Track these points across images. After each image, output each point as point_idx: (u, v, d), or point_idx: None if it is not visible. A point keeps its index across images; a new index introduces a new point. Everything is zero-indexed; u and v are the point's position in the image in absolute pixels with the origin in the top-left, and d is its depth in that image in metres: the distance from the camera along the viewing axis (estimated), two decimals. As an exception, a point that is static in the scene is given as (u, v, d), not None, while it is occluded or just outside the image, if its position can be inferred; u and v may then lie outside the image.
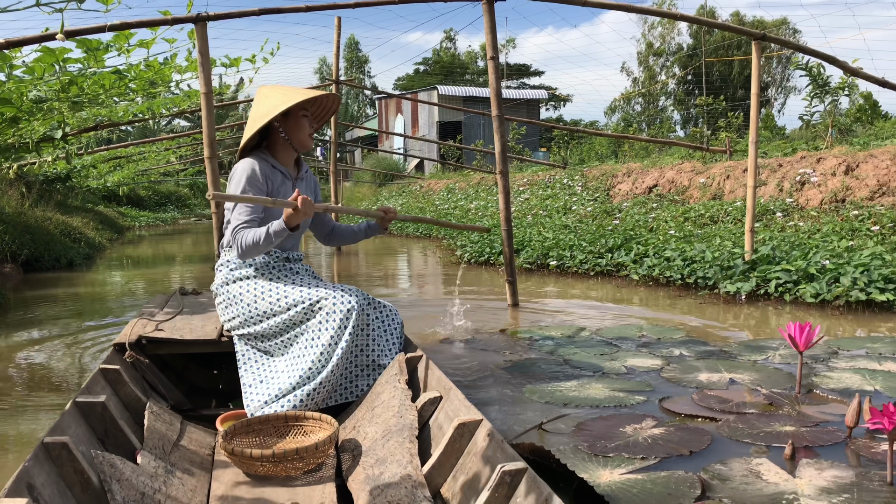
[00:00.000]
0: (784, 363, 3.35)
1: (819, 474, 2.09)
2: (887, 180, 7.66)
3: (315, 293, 2.54)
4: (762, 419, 2.59)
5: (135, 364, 2.66)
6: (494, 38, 4.97)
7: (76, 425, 1.93)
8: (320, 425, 2.25)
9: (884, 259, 5.08)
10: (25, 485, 1.49)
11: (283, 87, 2.80)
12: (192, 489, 1.94)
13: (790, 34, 36.84)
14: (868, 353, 3.50)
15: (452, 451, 1.86)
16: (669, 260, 6.06)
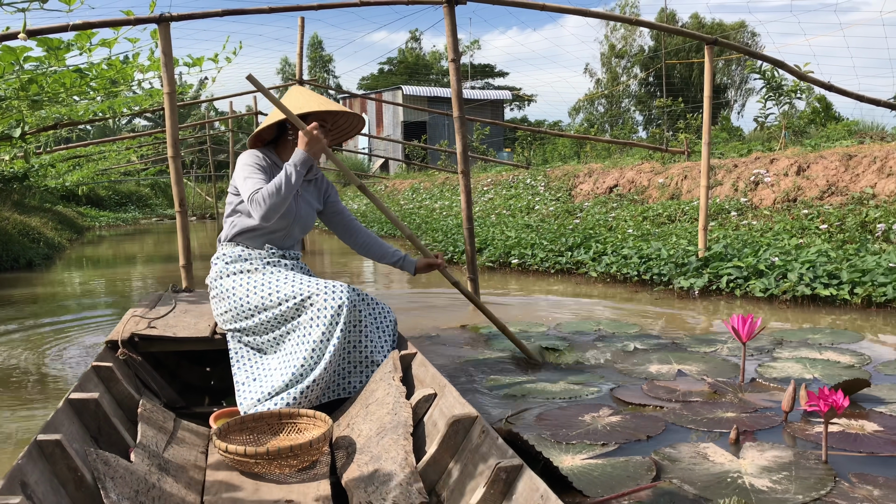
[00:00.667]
0: (731, 354, 3.51)
1: (761, 455, 2.24)
2: (836, 180, 7.93)
3: (306, 288, 2.53)
4: (706, 406, 2.73)
5: (127, 361, 2.64)
6: (455, 41, 5.07)
7: (69, 423, 1.91)
8: (314, 423, 2.25)
9: (829, 256, 5.30)
10: (19, 483, 1.48)
11: (312, 94, 2.84)
12: (185, 487, 1.94)
13: (748, 37, 37.58)
14: (809, 343, 3.69)
15: (447, 447, 1.86)
16: (627, 258, 6.23)
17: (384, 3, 4.86)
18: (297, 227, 2.83)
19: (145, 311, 3.17)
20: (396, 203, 16.70)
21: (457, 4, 5.00)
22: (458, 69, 5.11)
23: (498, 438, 1.72)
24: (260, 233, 2.76)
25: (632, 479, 2.07)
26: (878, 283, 4.63)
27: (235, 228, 2.77)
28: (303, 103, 2.76)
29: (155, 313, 3.12)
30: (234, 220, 2.80)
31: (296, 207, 2.79)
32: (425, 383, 2.36)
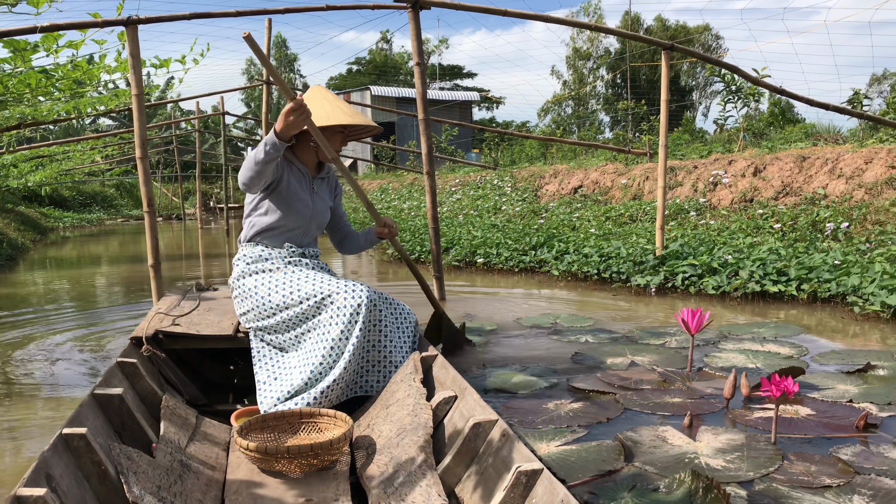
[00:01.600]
0: (680, 346, 3.70)
1: (715, 438, 2.42)
2: (790, 181, 8.21)
3: (326, 287, 2.54)
4: (656, 393, 2.90)
5: (151, 358, 2.66)
6: (420, 45, 5.20)
7: (94, 417, 1.93)
8: (335, 422, 2.25)
9: (779, 254, 5.52)
10: (44, 475, 1.50)
11: (333, 98, 2.83)
12: (206, 484, 1.95)
13: (712, 40, 38.30)
14: (754, 336, 3.90)
15: (467, 450, 1.85)
16: (587, 256, 6.41)
17: (349, 8, 4.97)
18: (313, 224, 2.85)
19: (169, 308, 3.18)
20: (365, 203, 16.74)
21: (421, 9, 5.12)
22: (424, 72, 5.24)
23: (518, 442, 1.72)
24: (279, 231, 2.77)
25: (606, 463, 2.21)
26: (824, 280, 4.86)
27: (255, 228, 2.78)
28: (328, 113, 2.74)
29: (179, 311, 3.13)
30: (253, 219, 2.80)
31: (312, 204, 2.81)
32: (446, 385, 2.35)
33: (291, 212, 2.75)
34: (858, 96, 10.59)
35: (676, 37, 35.41)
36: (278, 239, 2.78)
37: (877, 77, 26.86)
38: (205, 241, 13.64)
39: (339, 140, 2.83)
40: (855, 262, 5.11)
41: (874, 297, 4.36)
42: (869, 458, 2.21)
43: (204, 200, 23.33)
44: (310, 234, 2.86)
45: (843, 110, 6.90)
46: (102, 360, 3.88)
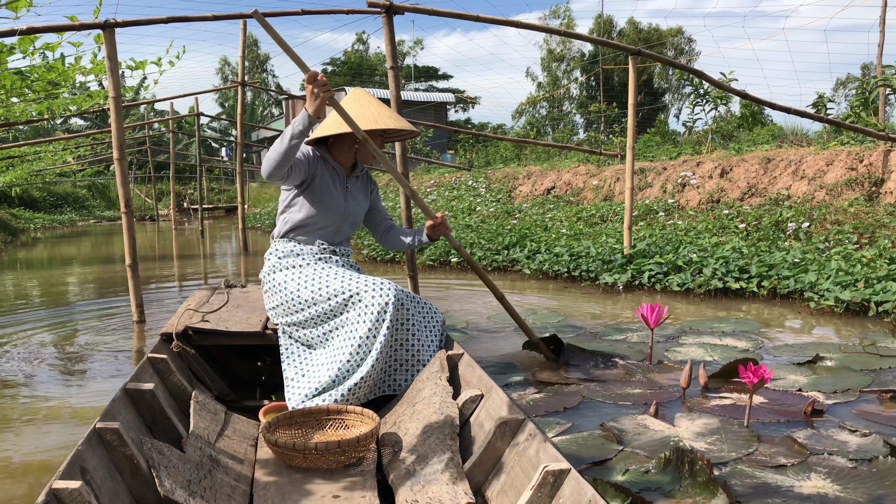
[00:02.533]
0: (642, 341, 3.86)
1: (691, 423, 2.58)
2: (755, 182, 8.45)
3: (355, 285, 2.55)
4: (618, 384, 3.06)
5: (181, 354, 2.70)
6: (394, 49, 5.30)
7: (126, 412, 1.95)
8: (362, 419, 2.27)
9: (742, 252, 5.72)
10: (79, 468, 1.53)
11: (376, 102, 2.85)
12: (235, 479, 1.97)
13: (685, 43, 38.80)
14: (713, 331, 4.07)
15: (494, 449, 1.85)
16: (558, 256, 6.57)
17: (325, 13, 5.06)
18: (346, 224, 2.86)
19: (199, 304, 3.20)
20: (340, 204, 16.79)
21: (395, 14, 5.23)
22: (397, 76, 5.35)
23: (545, 441, 1.71)
24: (311, 228, 2.79)
25: (606, 449, 2.33)
26: (783, 277, 5.06)
27: (288, 225, 2.81)
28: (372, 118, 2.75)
29: (208, 307, 3.16)
30: (287, 216, 2.83)
31: (345, 204, 2.83)
32: (472, 384, 2.34)
33: (324, 209, 2.77)
34: (823, 100, 10.86)
35: (649, 40, 35.85)
36: (311, 236, 2.80)
37: (841, 81, 27.44)
38: (179, 243, 13.62)
39: (378, 143, 2.84)
40: (813, 260, 5.32)
41: (829, 293, 4.55)
42: (820, 440, 2.38)
43: (178, 201, 23.23)
44: (342, 232, 2.86)
45: (803, 114, 7.13)
46: (78, 359, 3.95)
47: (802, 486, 2.04)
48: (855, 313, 4.44)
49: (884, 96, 10.17)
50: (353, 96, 2.87)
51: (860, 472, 2.10)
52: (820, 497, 1.96)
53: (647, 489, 2.00)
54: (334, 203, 2.79)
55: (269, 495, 1.90)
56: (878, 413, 2.65)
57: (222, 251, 11.64)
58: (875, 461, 2.14)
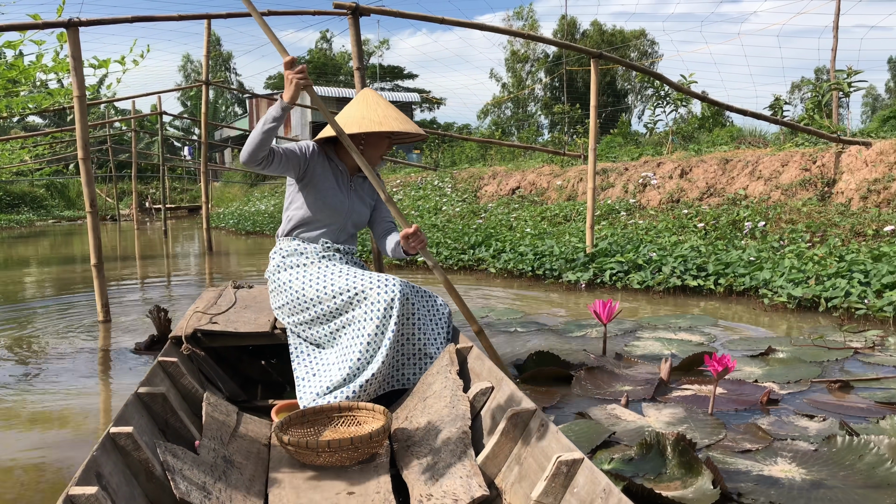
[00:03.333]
0: (601, 336, 3.97)
1: (658, 413, 2.68)
2: (714, 182, 8.66)
3: (359, 282, 2.55)
4: (591, 380, 3.14)
5: (191, 356, 2.69)
6: (360, 50, 5.36)
7: (139, 416, 1.95)
8: (373, 415, 2.26)
9: (700, 251, 5.89)
10: (94, 473, 1.53)
11: (384, 104, 2.82)
12: (250, 479, 1.98)
13: (648, 45, 39.36)
14: (669, 326, 4.21)
15: (506, 440, 1.86)
16: (523, 255, 6.68)
17: (290, 13, 5.10)
18: (349, 222, 2.85)
19: (207, 306, 3.19)
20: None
21: (361, 16, 5.29)
22: (363, 76, 5.40)
23: (557, 431, 1.71)
24: (314, 226, 2.79)
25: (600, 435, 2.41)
26: (739, 274, 5.23)
27: (291, 223, 2.80)
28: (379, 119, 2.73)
29: (216, 309, 3.15)
30: (290, 213, 2.82)
31: (348, 202, 2.82)
32: (482, 376, 2.34)
33: (326, 206, 2.76)
34: (779, 102, 11.15)
35: (613, 42, 36.30)
36: (314, 234, 2.80)
37: (797, 84, 28.09)
38: (141, 243, 13.47)
39: (385, 144, 2.84)
40: (768, 258, 5.50)
41: (782, 290, 4.72)
42: (781, 426, 2.51)
43: (140, 201, 22.92)
44: (346, 230, 2.86)
45: (759, 116, 7.33)
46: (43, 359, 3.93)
47: (771, 469, 2.14)
48: (806, 309, 4.61)
49: (837, 99, 10.50)
50: (361, 97, 2.86)
51: (822, 454, 2.21)
52: (789, 480, 2.06)
53: (635, 475, 2.08)
54: (336, 201, 2.78)
55: (284, 494, 1.92)
56: (829, 402, 2.79)
57: (186, 251, 11.54)
58: (833, 442, 2.26)
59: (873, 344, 3.67)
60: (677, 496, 1.91)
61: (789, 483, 2.05)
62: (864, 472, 2.08)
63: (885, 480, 2.02)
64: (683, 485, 2.00)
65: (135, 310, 5.37)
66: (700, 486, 1.96)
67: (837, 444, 2.25)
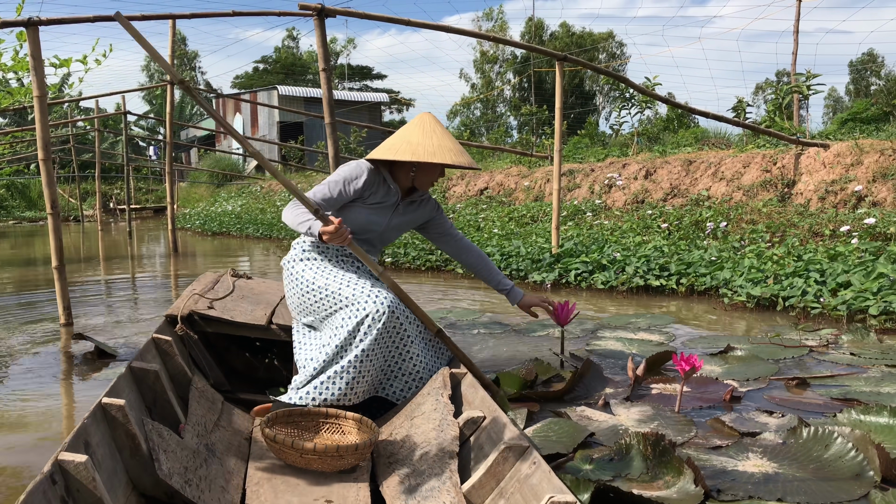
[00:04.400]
0: (559, 336, 4.03)
1: (627, 412, 2.72)
2: (678, 183, 8.81)
3: (353, 290, 2.52)
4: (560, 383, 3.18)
5: (183, 338, 2.64)
6: (326, 51, 5.35)
7: (129, 390, 1.92)
8: (359, 427, 2.24)
9: (663, 251, 5.99)
10: (83, 441, 1.52)
11: (440, 132, 2.71)
12: (230, 471, 1.96)
13: (616, 47, 39.74)
14: (629, 326, 4.29)
15: (495, 473, 1.81)
16: (489, 255, 6.72)
17: (256, 14, 5.08)
18: (381, 240, 2.81)
19: (204, 289, 3.12)
20: (273, 204, 16.66)
21: (326, 17, 5.29)
22: (329, 78, 5.40)
23: (550, 472, 1.66)
24: None
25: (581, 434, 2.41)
26: (700, 274, 5.33)
27: None
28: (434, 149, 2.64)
29: (213, 294, 3.08)
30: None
31: (386, 224, 2.77)
32: (474, 405, 2.29)
33: (359, 223, 2.71)
34: (742, 104, 11.34)
35: (582, 43, 36.58)
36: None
37: (760, 86, 28.59)
38: (105, 244, 13.28)
39: (438, 171, 2.77)
40: (728, 258, 5.61)
41: (741, 289, 4.83)
42: (744, 422, 2.57)
43: (104, 201, 22.56)
44: (371, 244, 2.80)
45: (720, 118, 7.47)
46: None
47: (745, 465, 2.19)
48: (764, 308, 4.72)
49: (797, 102, 10.73)
50: (419, 122, 2.76)
51: (790, 447, 2.28)
52: (763, 474, 2.12)
53: (617, 476, 2.09)
54: (372, 222, 2.73)
55: (262, 492, 1.90)
56: (788, 399, 2.87)
57: (151, 252, 11.41)
58: (799, 434, 2.33)
59: (827, 342, 3.78)
60: (662, 496, 1.94)
61: (764, 477, 2.10)
62: (833, 464, 2.15)
63: (852, 471, 2.09)
64: (666, 485, 2.04)
65: (97, 312, 5.31)
66: (683, 487, 2.00)
67: (803, 436, 2.31)
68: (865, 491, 1.98)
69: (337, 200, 2.66)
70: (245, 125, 29.93)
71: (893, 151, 6.74)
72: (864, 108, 12.37)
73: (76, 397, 3.28)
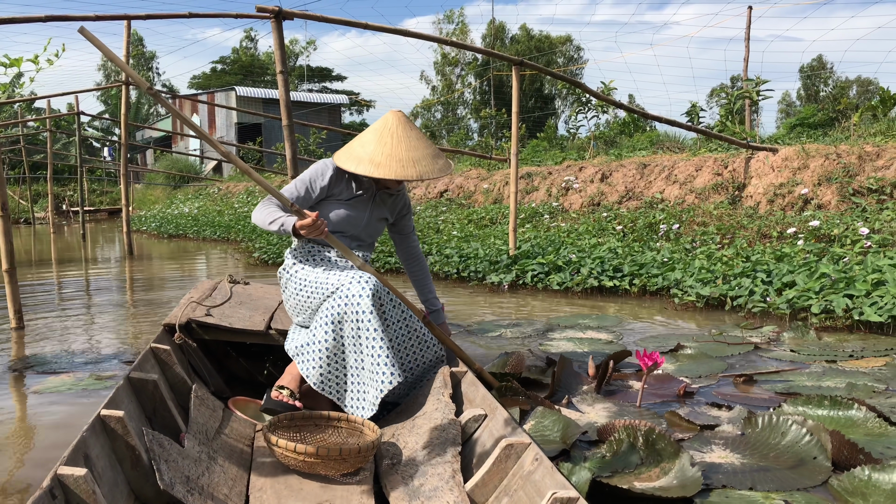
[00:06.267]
0: (515, 337, 4.15)
1: (594, 409, 2.81)
2: (633, 186, 8.97)
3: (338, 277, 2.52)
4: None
5: (182, 346, 2.62)
6: (283, 54, 5.36)
7: (128, 401, 1.90)
8: (362, 429, 2.25)
9: (617, 253, 6.12)
10: (83, 454, 1.50)
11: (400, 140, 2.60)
12: (232, 478, 1.95)
13: (574, 51, 40.22)
14: (578, 326, 4.41)
15: (497, 471, 1.82)
16: (448, 257, 6.79)
17: (213, 16, 5.06)
18: (364, 235, 2.79)
19: (202, 297, 3.11)
20: (231, 206, 16.50)
21: (284, 20, 5.29)
22: (286, 80, 5.41)
23: (552, 468, 1.67)
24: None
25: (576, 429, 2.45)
26: (652, 275, 5.46)
27: None
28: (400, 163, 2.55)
29: (211, 301, 3.07)
30: None
31: (367, 219, 2.75)
32: (475, 403, 2.30)
33: (341, 220, 2.71)
34: (696, 109, 11.60)
35: (542, 47, 36.94)
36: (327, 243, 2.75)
37: (716, 91, 29.17)
38: (58, 247, 13.02)
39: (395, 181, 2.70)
40: (680, 259, 5.76)
41: (691, 289, 4.96)
42: (699, 416, 2.67)
43: (56, 203, 22.08)
44: (360, 240, 2.77)
45: (673, 122, 7.65)
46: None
47: (710, 456, 2.28)
48: (714, 307, 4.86)
49: (749, 107, 11.01)
50: (382, 125, 2.66)
51: (748, 438, 2.38)
52: (730, 465, 2.21)
53: (616, 472, 2.14)
54: (352, 217, 2.72)
55: (266, 497, 1.89)
56: (736, 394, 2.98)
57: (105, 255, 11.22)
58: (755, 423, 2.43)
59: (769, 339, 3.92)
60: (662, 486, 2.00)
61: (732, 468, 2.19)
62: (790, 450, 2.25)
63: (809, 454, 2.21)
64: (663, 472, 2.09)
65: (50, 315, 5.23)
66: (681, 469, 2.07)
67: (759, 426, 2.42)
68: (826, 476, 2.09)
69: (305, 199, 2.67)
70: (202, 126, 29.56)
71: (837, 156, 6.97)
72: (812, 113, 12.73)
73: (27, 400, 3.24)
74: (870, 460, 2.14)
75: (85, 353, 4.02)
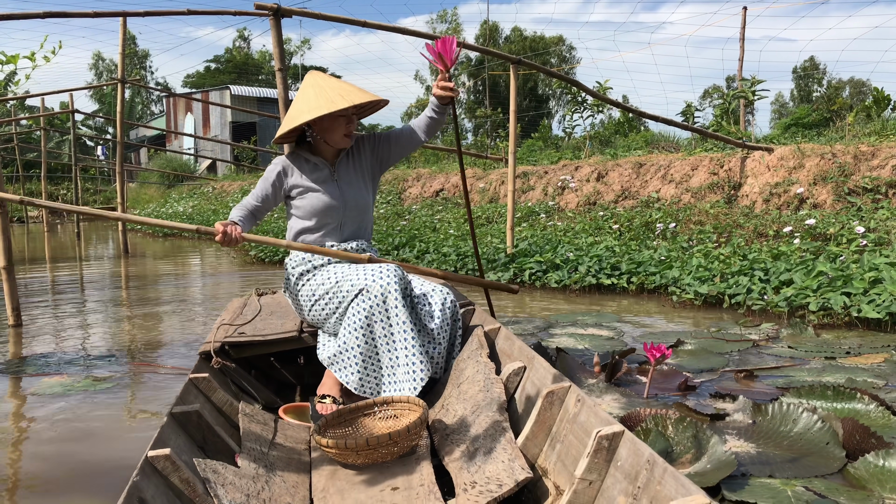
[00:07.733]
0: (515, 333, 4.11)
1: (603, 399, 2.84)
2: (629, 186, 9.00)
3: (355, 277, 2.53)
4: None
5: (222, 369, 2.62)
6: (282, 51, 5.35)
7: (175, 436, 1.92)
8: (409, 408, 2.25)
9: (614, 251, 6.13)
10: (137, 499, 1.50)
11: (325, 84, 2.66)
12: (293, 485, 1.96)
13: (566, 50, 40.28)
14: (578, 323, 4.42)
15: (544, 420, 1.83)
16: (446, 255, 6.80)
17: (211, 14, 5.05)
18: (349, 213, 2.77)
19: (233, 317, 3.14)
20: (225, 206, 16.46)
21: (282, 17, 5.29)
22: (285, 77, 5.40)
23: (595, 405, 1.69)
24: (314, 230, 2.74)
25: None
26: (650, 273, 5.47)
27: (292, 232, 2.77)
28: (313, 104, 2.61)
29: (242, 319, 3.09)
30: (290, 223, 2.79)
31: (339, 194, 2.74)
32: (513, 357, 2.32)
33: (317, 210, 2.71)
34: (691, 108, 11.63)
35: (535, 47, 36.97)
36: (318, 240, 2.75)
37: (710, 91, 29.27)
38: (52, 246, 12.97)
39: (343, 122, 2.69)
40: (677, 257, 5.78)
41: (689, 287, 4.98)
42: (706, 408, 2.69)
43: (49, 202, 21.98)
44: (348, 224, 2.78)
45: (670, 122, 7.66)
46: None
47: (727, 446, 2.28)
48: (711, 305, 4.88)
49: (743, 107, 11.05)
50: (302, 86, 2.71)
51: (760, 426, 2.39)
52: (747, 454, 2.22)
53: None
54: (325, 200, 2.71)
55: (329, 498, 1.90)
56: (738, 389, 2.99)
57: (100, 254, 11.19)
58: (765, 411, 2.45)
59: (768, 336, 3.94)
60: (697, 470, 2.01)
61: (749, 457, 2.20)
62: (803, 437, 2.27)
63: (821, 440, 2.23)
64: (695, 457, 2.10)
65: (46, 313, 5.21)
66: (713, 453, 2.08)
67: (769, 414, 2.43)
68: (842, 464, 2.11)
69: (273, 195, 2.74)
70: (197, 125, 29.49)
71: (833, 156, 7.00)
72: (806, 113, 12.79)
73: (27, 399, 3.23)
74: (882, 444, 2.16)
75: (80, 353, 4.02)
